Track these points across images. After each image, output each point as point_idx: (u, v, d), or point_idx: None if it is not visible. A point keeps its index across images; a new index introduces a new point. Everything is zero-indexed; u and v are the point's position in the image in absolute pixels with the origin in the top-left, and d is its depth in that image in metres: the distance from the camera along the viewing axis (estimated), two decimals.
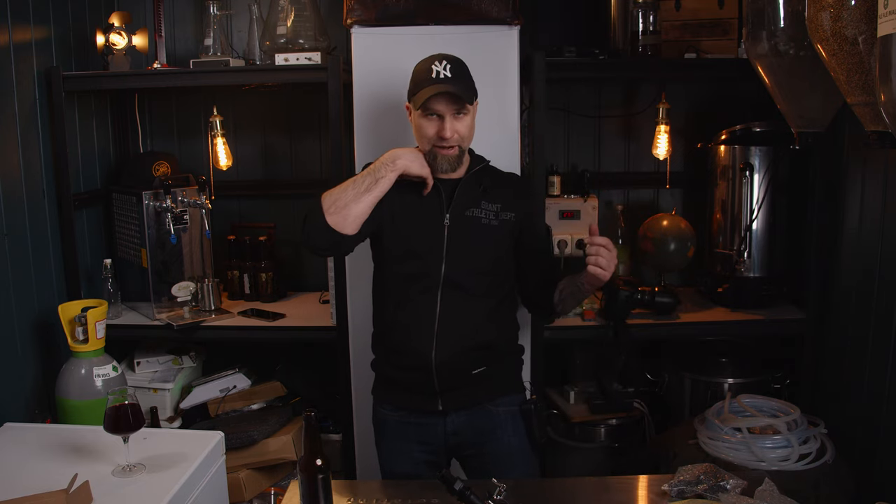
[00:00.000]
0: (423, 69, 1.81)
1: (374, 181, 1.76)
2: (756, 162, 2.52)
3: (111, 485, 1.70)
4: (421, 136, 1.82)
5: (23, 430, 2.05)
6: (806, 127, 1.93)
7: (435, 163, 1.81)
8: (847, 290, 2.31)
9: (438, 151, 1.80)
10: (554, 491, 1.61)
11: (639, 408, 2.67)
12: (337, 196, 1.75)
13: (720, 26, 2.55)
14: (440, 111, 1.77)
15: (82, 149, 2.73)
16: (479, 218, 1.86)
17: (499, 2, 2.25)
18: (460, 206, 1.86)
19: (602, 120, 2.96)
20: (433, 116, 1.78)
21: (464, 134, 1.81)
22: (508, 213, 1.89)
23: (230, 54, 2.67)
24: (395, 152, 1.80)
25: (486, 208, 1.87)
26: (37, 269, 2.43)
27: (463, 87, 1.78)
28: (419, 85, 1.79)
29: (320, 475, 1.29)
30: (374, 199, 1.76)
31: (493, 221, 1.87)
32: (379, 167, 1.78)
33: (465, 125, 1.81)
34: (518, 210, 1.90)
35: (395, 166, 1.77)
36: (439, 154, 1.80)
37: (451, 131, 1.77)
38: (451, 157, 1.81)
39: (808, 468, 1.93)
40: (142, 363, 2.77)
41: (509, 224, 1.89)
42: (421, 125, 1.81)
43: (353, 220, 1.74)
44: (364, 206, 1.75)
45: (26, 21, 2.38)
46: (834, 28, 1.34)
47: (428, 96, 1.75)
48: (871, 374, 2.12)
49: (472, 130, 1.85)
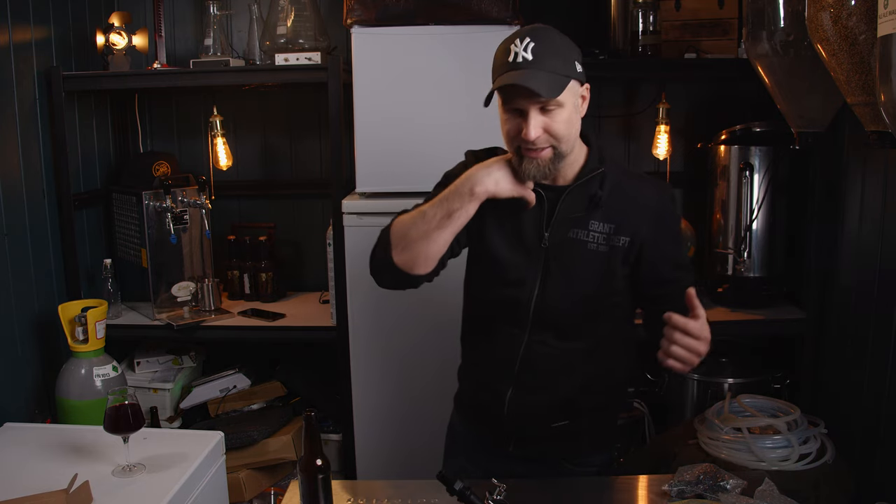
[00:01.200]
0: (501, 49, 1.44)
1: (448, 215, 1.44)
2: (756, 162, 2.52)
3: (111, 485, 1.70)
4: (504, 134, 1.47)
5: (23, 430, 2.05)
6: (806, 127, 1.93)
7: (521, 168, 1.44)
8: (847, 290, 2.30)
9: (526, 154, 1.43)
10: (554, 491, 1.61)
11: (639, 408, 2.67)
12: (406, 229, 1.46)
13: (720, 26, 2.55)
14: (520, 106, 1.41)
15: (82, 149, 2.73)
16: (584, 242, 1.49)
17: (499, 2, 2.25)
18: (563, 225, 1.50)
19: (602, 120, 2.96)
20: (514, 112, 1.43)
21: (558, 132, 1.42)
22: (622, 238, 1.49)
23: (230, 54, 2.67)
24: (475, 174, 1.45)
25: (596, 229, 1.49)
26: (37, 269, 2.43)
27: (545, 74, 1.38)
28: (495, 71, 1.44)
29: (320, 475, 1.29)
30: (449, 236, 1.45)
31: (602, 247, 1.49)
32: (453, 195, 1.44)
33: (559, 120, 1.42)
34: (635, 232, 1.49)
35: (474, 195, 1.44)
36: (526, 157, 1.43)
37: (535, 130, 1.39)
38: (541, 162, 1.43)
39: (808, 468, 1.93)
40: (142, 363, 2.77)
41: (622, 251, 1.49)
42: (502, 122, 1.46)
43: (424, 260, 1.46)
44: (437, 245, 1.45)
45: (26, 21, 2.38)
46: (834, 28, 1.34)
47: (497, 87, 1.41)
48: (871, 374, 2.12)
49: (570, 126, 1.45)
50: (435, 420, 2.42)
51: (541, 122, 1.41)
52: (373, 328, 2.36)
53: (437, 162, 2.36)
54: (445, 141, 2.35)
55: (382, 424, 2.45)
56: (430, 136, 2.35)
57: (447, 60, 2.31)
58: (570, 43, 1.48)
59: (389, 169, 2.38)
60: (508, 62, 1.40)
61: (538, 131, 1.40)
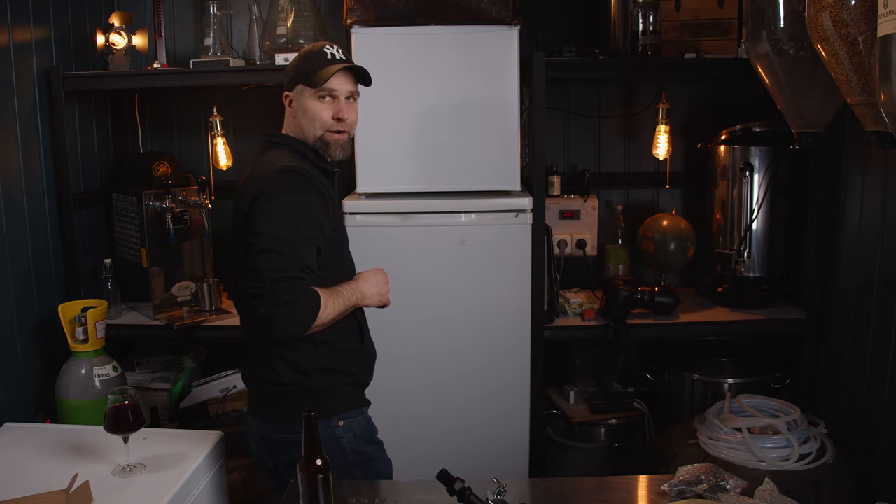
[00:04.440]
0: (314, 53, 1.72)
1: (350, 306, 1.69)
2: (756, 162, 2.52)
3: (111, 485, 1.70)
4: (316, 121, 1.71)
5: (23, 430, 2.05)
6: (806, 127, 1.94)
7: (327, 152, 1.73)
8: (847, 290, 2.30)
9: (332, 138, 1.72)
10: (554, 491, 1.61)
11: (639, 408, 2.67)
12: (327, 316, 1.60)
13: (720, 26, 2.55)
14: (339, 93, 1.71)
15: (82, 149, 2.74)
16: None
17: (499, 2, 2.25)
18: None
19: (602, 120, 2.96)
20: (332, 99, 1.71)
21: (355, 120, 1.76)
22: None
23: (230, 54, 2.67)
24: (364, 290, 1.73)
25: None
26: (37, 269, 2.43)
27: (361, 67, 1.74)
28: (320, 64, 1.70)
29: (320, 475, 1.29)
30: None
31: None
32: (352, 296, 1.69)
33: (356, 110, 1.76)
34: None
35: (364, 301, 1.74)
36: (332, 141, 1.72)
37: (349, 113, 1.72)
38: (343, 144, 1.74)
39: (808, 468, 1.93)
40: (142, 363, 2.77)
41: None
42: (317, 110, 1.70)
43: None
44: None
45: (26, 21, 2.38)
46: (834, 28, 1.34)
47: (334, 72, 1.67)
48: (871, 374, 2.12)
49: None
50: (435, 420, 2.43)
51: (349, 107, 1.73)
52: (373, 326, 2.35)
53: (437, 162, 2.38)
54: (445, 141, 2.36)
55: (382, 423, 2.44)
56: (430, 136, 2.35)
57: (447, 60, 2.31)
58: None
59: (389, 169, 2.38)
60: (330, 59, 1.70)
61: (351, 115, 1.73)
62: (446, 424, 2.42)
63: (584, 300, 2.67)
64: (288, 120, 1.79)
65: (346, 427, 1.74)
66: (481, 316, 2.37)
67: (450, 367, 2.40)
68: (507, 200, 2.35)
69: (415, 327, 2.37)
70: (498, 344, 2.38)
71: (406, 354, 2.39)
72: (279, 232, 1.55)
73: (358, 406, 1.80)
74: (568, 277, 2.81)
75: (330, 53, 1.72)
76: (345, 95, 1.72)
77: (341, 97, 1.72)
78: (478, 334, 2.38)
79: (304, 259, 1.56)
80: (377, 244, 2.34)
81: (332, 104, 1.71)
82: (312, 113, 1.71)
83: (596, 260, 2.83)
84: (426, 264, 2.35)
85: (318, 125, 1.71)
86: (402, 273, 2.34)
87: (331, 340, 1.70)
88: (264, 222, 1.57)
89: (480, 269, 2.35)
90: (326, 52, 1.72)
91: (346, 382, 1.77)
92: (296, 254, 1.55)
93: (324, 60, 1.71)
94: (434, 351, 2.39)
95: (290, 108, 1.76)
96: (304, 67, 1.72)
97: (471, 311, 2.37)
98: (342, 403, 1.75)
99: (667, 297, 2.55)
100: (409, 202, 2.35)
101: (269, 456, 1.77)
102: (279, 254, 1.53)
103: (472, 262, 2.35)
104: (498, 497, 1.40)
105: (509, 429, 2.43)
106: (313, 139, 1.72)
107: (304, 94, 1.72)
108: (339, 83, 1.71)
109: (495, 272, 2.35)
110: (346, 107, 1.72)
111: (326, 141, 1.72)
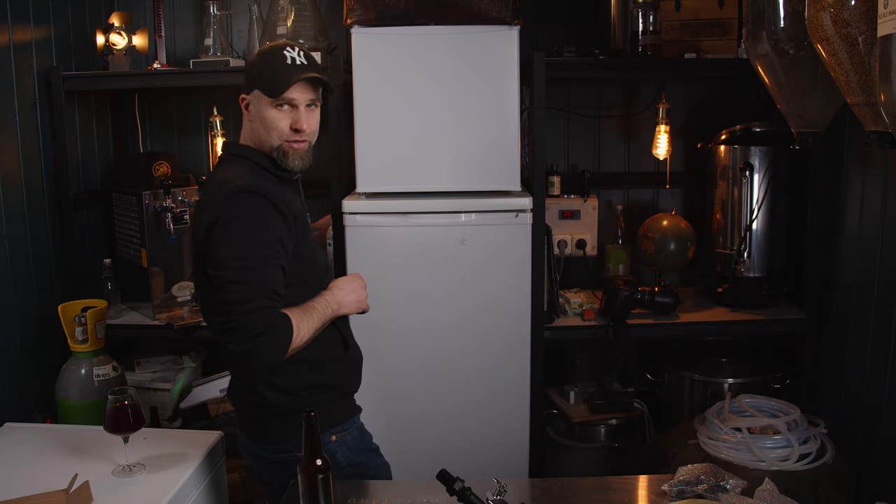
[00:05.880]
0: (274, 56, 1.61)
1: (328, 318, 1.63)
2: (756, 162, 2.52)
3: (111, 485, 1.70)
4: (273, 131, 1.61)
5: (23, 430, 2.05)
6: (806, 127, 1.94)
7: (286, 161, 1.63)
8: (847, 290, 2.31)
9: (290, 148, 1.62)
10: (554, 491, 1.61)
11: (639, 408, 2.67)
12: (302, 339, 1.54)
13: (720, 26, 2.55)
14: (297, 101, 1.60)
15: (82, 149, 2.74)
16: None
17: (499, 2, 2.25)
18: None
19: (602, 120, 2.96)
20: (289, 108, 1.61)
21: (315, 128, 1.66)
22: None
23: (230, 54, 2.67)
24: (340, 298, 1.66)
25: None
26: (37, 269, 2.43)
27: (322, 74, 1.63)
28: (279, 72, 1.58)
29: (320, 475, 1.29)
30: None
31: None
32: (328, 308, 1.62)
33: (316, 118, 1.66)
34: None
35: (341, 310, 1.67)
36: (291, 151, 1.62)
37: (309, 123, 1.62)
38: (302, 154, 1.64)
39: (808, 468, 1.93)
40: (142, 363, 2.76)
41: None
42: (273, 119, 1.60)
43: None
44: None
45: (26, 21, 2.38)
46: (834, 28, 1.34)
47: (293, 83, 1.57)
48: (871, 374, 2.12)
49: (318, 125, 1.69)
50: (434, 420, 2.43)
51: (309, 116, 1.63)
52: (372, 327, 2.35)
53: (438, 162, 2.38)
54: (445, 141, 2.36)
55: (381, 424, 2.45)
56: (430, 136, 2.35)
57: (447, 60, 2.31)
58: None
59: (389, 169, 2.38)
60: (289, 65, 1.59)
61: (311, 124, 1.63)
62: (446, 424, 2.42)
63: (584, 300, 2.67)
64: (245, 126, 1.68)
65: (339, 441, 1.71)
66: (481, 316, 2.37)
67: (449, 367, 2.40)
68: (507, 200, 2.35)
69: (414, 327, 2.37)
70: (498, 344, 2.38)
71: (405, 354, 2.39)
72: (240, 262, 1.46)
73: (349, 417, 1.76)
74: (568, 277, 2.81)
75: (290, 57, 1.60)
76: (305, 104, 1.61)
77: (301, 105, 1.61)
78: (477, 334, 2.38)
79: (270, 285, 1.48)
80: (377, 244, 2.34)
81: (290, 113, 1.61)
82: (269, 122, 1.61)
83: (596, 260, 2.83)
84: (426, 264, 2.35)
85: (275, 135, 1.61)
86: (401, 273, 2.35)
87: (313, 357, 1.63)
88: (223, 252, 1.48)
89: (480, 269, 2.35)
90: (286, 55, 1.60)
91: (335, 395, 1.73)
92: (260, 281, 1.46)
93: (283, 66, 1.59)
94: (433, 351, 2.39)
95: (247, 113, 1.65)
96: (262, 72, 1.61)
97: (471, 312, 2.37)
98: (332, 418, 1.70)
99: (667, 297, 2.55)
100: (409, 202, 2.35)
101: (264, 471, 1.74)
102: (243, 284, 1.45)
103: (471, 261, 2.35)
104: (498, 497, 1.39)
105: (509, 429, 2.43)
106: (270, 149, 1.63)
107: (262, 100, 1.61)
108: (299, 92, 1.60)
109: (495, 272, 2.35)
110: (306, 115, 1.62)
111: (284, 150, 1.62)
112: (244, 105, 1.66)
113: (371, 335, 2.26)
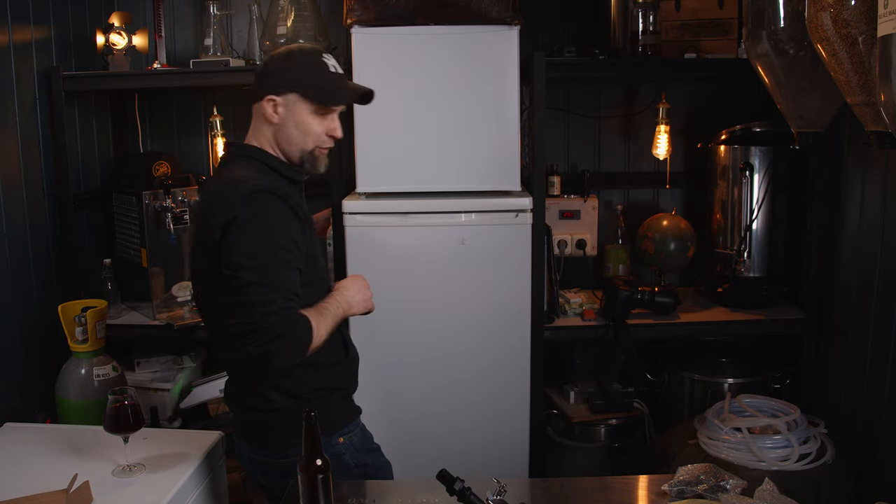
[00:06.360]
0: (319, 65, 1.60)
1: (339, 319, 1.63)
2: (756, 162, 2.52)
3: (111, 485, 1.70)
4: (305, 133, 1.61)
5: (23, 430, 2.05)
6: (806, 127, 1.93)
7: (316, 165, 1.65)
8: (847, 290, 2.31)
9: (320, 153, 1.65)
10: (554, 491, 1.61)
11: (639, 408, 2.67)
12: (320, 338, 1.55)
13: (720, 26, 2.55)
14: (341, 109, 1.66)
15: (82, 149, 2.73)
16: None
17: (499, 2, 2.25)
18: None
19: (602, 120, 2.96)
20: (326, 116, 1.62)
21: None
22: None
23: (230, 54, 2.67)
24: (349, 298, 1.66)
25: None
26: (37, 269, 2.43)
27: None
28: (326, 80, 1.60)
29: (320, 475, 1.29)
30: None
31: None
32: (339, 309, 1.63)
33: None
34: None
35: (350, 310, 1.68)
36: (321, 155, 1.65)
37: (340, 129, 1.66)
38: (326, 157, 1.68)
39: (808, 468, 1.93)
40: (142, 363, 2.76)
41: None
42: (314, 123, 1.60)
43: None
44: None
45: (26, 21, 2.38)
46: (834, 28, 1.34)
47: (354, 98, 1.66)
48: (871, 374, 2.12)
49: None
50: (434, 419, 2.43)
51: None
52: (372, 327, 2.35)
53: (438, 162, 2.38)
54: (445, 141, 2.36)
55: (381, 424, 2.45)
56: (430, 136, 2.35)
57: (447, 60, 2.31)
58: None
59: (389, 169, 2.38)
60: (335, 73, 1.62)
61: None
62: (446, 424, 2.42)
63: (584, 300, 2.67)
64: (262, 127, 1.62)
65: (346, 443, 1.71)
66: (481, 316, 2.37)
67: (449, 367, 2.40)
68: (507, 200, 2.35)
69: (414, 328, 2.37)
70: (498, 344, 2.38)
71: (405, 355, 2.39)
72: (259, 261, 1.45)
73: (353, 418, 1.76)
74: (568, 277, 2.82)
75: (331, 65, 1.61)
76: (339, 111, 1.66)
77: (337, 113, 1.65)
78: (477, 334, 2.38)
79: (289, 286, 1.47)
80: (377, 244, 2.34)
81: (329, 120, 1.63)
82: (307, 126, 1.60)
83: (596, 260, 2.83)
84: (426, 264, 2.35)
85: (311, 140, 1.61)
86: (401, 273, 2.35)
87: (318, 360, 1.60)
88: (242, 252, 1.46)
89: (480, 270, 2.35)
90: (326, 62, 1.61)
91: (338, 397, 1.73)
92: (279, 283, 1.45)
93: (332, 75, 1.60)
94: (433, 351, 2.39)
95: (275, 115, 1.59)
96: (306, 78, 1.59)
97: (471, 312, 2.37)
98: (339, 420, 1.71)
99: (667, 297, 2.55)
100: (409, 202, 2.35)
101: (264, 478, 1.72)
102: (264, 285, 1.44)
103: (471, 262, 2.35)
104: (498, 497, 1.40)
105: (509, 429, 2.43)
106: (301, 152, 1.62)
107: (300, 105, 1.59)
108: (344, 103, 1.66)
109: (495, 272, 2.35)
110: (339, 122, 1.66)
111: (315, 155, 1.64)
112: (272, 107, 1.59)
113: (371, 335, 2.26)
